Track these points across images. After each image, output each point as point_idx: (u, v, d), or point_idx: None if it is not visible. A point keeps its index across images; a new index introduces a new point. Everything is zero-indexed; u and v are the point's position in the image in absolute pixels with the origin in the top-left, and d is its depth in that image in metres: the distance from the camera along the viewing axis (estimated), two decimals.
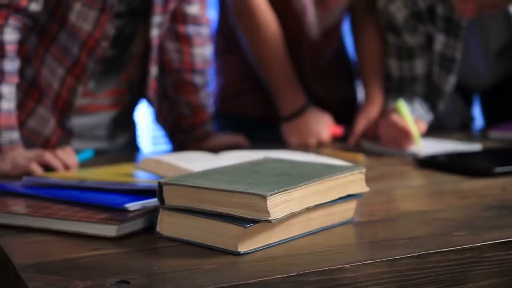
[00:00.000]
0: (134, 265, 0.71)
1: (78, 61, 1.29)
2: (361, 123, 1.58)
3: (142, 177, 1.03)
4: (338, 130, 1.58)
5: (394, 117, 1.40)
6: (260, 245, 0.75)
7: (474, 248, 0.75)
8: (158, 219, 0.80)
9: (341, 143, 1.57)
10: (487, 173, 1.15)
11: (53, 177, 1.03)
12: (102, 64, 1.35)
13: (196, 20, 1.50)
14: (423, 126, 1.42)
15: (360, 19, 1.67)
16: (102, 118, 1.42)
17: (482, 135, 1.65)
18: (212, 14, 1.69)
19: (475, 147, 1.42)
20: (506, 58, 1.69)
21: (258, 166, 0.88)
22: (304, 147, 1.51)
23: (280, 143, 1.59)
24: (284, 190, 0.74)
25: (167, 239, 0.79)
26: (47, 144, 1.32)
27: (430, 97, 1.64)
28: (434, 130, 1.58)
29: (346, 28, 1.77)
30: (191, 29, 1.49)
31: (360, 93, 1.83)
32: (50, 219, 0.84)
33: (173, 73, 1.50)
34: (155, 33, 1.37)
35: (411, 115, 1.40)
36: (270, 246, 0.76)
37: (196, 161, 1.04)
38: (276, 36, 1.55)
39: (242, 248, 0.73)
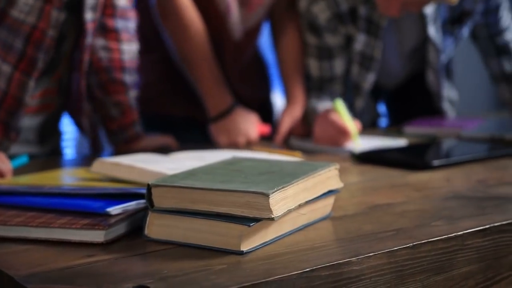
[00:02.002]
0: (140, 269, 0.69)
1: (25, 55, 1.23)
2: (286, 122, 1.61)
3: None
4: (265, 129, 1.60)
5: (333, 115, 1.44)
6: (258, 244, 0.75)
7: (457, 236, 0.79)
8: (146, 222, 0.79)
9: (268, 142, 1.59)
10: (425, 167, 1.21)
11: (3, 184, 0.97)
12: None
13: (124, 14, 1.46)
14: (359, 124, 1.47)
15: (280, 19, 1.70)
16: (32, 121, 1.36)
17: (397, 131, 1.72)
18: None
19: (401, 142, 1.48)
20: (417, 57, 1.78)
21: (236, 165, 0.88)
22: (233, 147, 1.52)
23: (206, 143, 1.59)
24: (282, 188, 0.75)
25: (157, 242, 0.78)
26: None
27: (348, 95, 1.70)
28: None
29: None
30: (119, 23, 1.45)
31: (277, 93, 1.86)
32: (26, 228, 0.80)
33: (101, 72, 1.45)
34: (89, 16, 1.32)
35: (348, 114, 1.45)
36: (266, 244, 0.76)
37: (157, 163, 1.01)
38: (202, 36, 1.55)
39: (244, 247, 0.73)
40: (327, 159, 1.34)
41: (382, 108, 1.99)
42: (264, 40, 1.81)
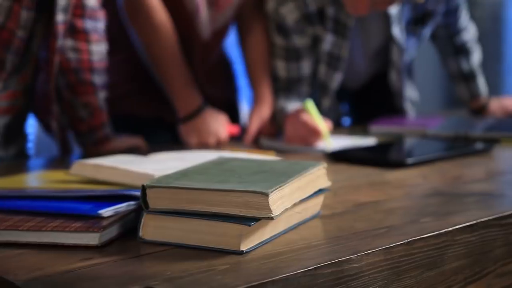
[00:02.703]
0: (142, 271, 0.68)
1: None
2: (255, 122, 1.62)
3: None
4: (235, 129, 1.61)
5: (304, 115, 1.45)
6: (256, 243, 0.75)
7: (448, 232, 0.81)
8: (141, 223, 0.78)
9: (237, 142, 1.60)
10: (400, 164, 1.23)
11: None
12: None
13: (93, 14, 1.44)
14: (330, 124, 1.49)
15: (247, 20, 1.70)
16: None
17: (363, 130, 1.75)
18: None
19: (371, 141, 1.50)
20: (380, 57, 1.80)
21: (226, 165, 0.88)
22: (203, 147, 1.51)
23: (175, 143, 1.58)
24: (279, 187, 0.76)
25: (152, 244, 0.77)
26: None
27: (315, 95, 1.72)
28: None
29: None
30: (88, 24, 1.43)
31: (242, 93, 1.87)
32: (16, 232, 0.78)
33: (70, 73, 1.43)
34: (60, 18, 1.30)
35: (318, 114, 1.46)
36: (263, 243, 0.76)
37: (140, 164, 1.00)
38: (171, 37, 1.54)
39: (243, 247, 0.73)
40: (300, 159, 1.36)
41: (344, 107, 2.01)
42: (230, 40, 1.81)
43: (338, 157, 1.32)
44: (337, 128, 1.80)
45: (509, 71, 3.58)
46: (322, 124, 1.45)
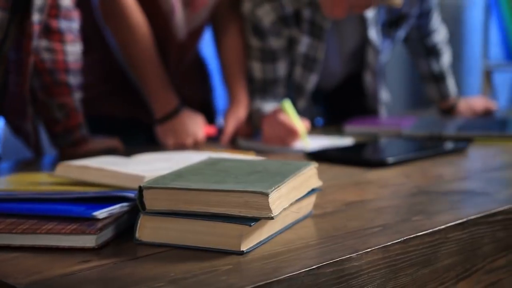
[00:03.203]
0: (145, 273, 0.67)
1: None
2: (231, 123, 1.62)
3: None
4: (211, 130, 1.60)
5: (281, 115, 1.45)
6: (255, 243, 0.75)
7: (441, 230, 0.82)
8: (138, 225, 0.77)
9: (214, 143, 1.59)
10: (381, 164, 1.24)
11: None
12: None
13: (68, 14, 1.42)
14: (307, 124, 1.49)
15: (223, 20, 1.70)
16: None
17: (337, 130, 1.76)
18: None
19: (348, 141, 1.52)
20: (355, 59, 1.82)
21: (218, 166, 0.88)
22: (180, 148, 1.50)
23: (152, 144, 1.57)
24: (278, 187, 0.76)
25: (149, 245, 0.76)
26: None
27: (290, 96, 1.72)
28: None
29: None
30: (63, 24, 1.41)
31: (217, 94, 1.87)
32: (10, 235, 0.77)
33: (45, 74, 1.41)
34: (36, 18, 1.28)
35: (296, 114, 1.46)
36: (262, 243, 0.76)
37: (126, 165, 1.00)
38: (148, 38, 1.53)
39: (244, 247, 0.73)
40: (280, 159, 1.36)
41: (318, 108, 2.02)
42: (204, 41, 1.80)
43: (318, 157, 1.32)
44: (311, 128, 1.81)
45: (469, 72, 3.65)
46: (300, 124, 1.45)
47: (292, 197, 0.80)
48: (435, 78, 1.98)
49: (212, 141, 1.61)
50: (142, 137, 1.66)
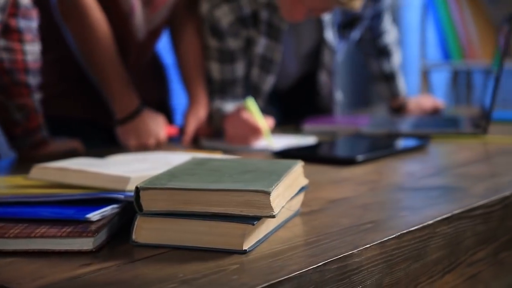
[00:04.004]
0: (152, 275, 0.66)
1: None
2: (191, 123, 1.61)
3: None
4: (173, 130, 1.59)
5: (244, 114, 1.45)
6: (254, 242, 0.75)
7: (430, 225, 0.84)
8: (134, 226, 0.76)
9: (175, 143, 1.58)
10: (351, 162, 1.26)
11: None
12: None
13: (27, 13, 1.38)
14: (271, 122, 1.50)
15: (180, 20, 1.69)
16: None
17: (296, 129, 1.77)
18: None
19: (312, 140, 1.53)
20: (311, 59, 1.84)
21: (208, 165, 0.87)
22: (143, 149, 1.49)
23: (112, 145, 1.55)
24: (277, 185, 0.76)
25: (147, 247, 0.75)
26: None
27: (248, 96, 1.73)
28: None
29: None
30: (22, 23, 1.37)
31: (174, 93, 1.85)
32: (2, 240, 0.74)
33: (3, 74, 1.36)
34: None
35: (259, 112, 1.47)
36: (260, 242, 0.76)
37: (106, 166, 0.98)
38: (108, 37, 1.50)
39: (246, 246, 0.73)
40: (247, 157, 1.36)
41: (273, 108, 2.03)
42: (161, 40, 1.78)
43: (286, 156, 1.33)
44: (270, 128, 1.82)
45: (408, 72, 3.73)
46: (263, 122, 1.46)
47: (287, 195, 0.81)
48: (386, 77, 2.02)
49: (174, 141, 1.59)
50: (99, 138, 1.63)
